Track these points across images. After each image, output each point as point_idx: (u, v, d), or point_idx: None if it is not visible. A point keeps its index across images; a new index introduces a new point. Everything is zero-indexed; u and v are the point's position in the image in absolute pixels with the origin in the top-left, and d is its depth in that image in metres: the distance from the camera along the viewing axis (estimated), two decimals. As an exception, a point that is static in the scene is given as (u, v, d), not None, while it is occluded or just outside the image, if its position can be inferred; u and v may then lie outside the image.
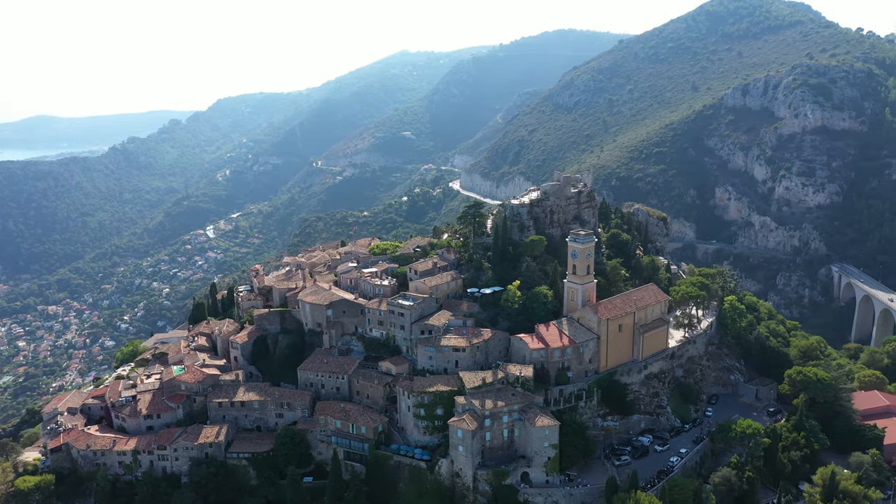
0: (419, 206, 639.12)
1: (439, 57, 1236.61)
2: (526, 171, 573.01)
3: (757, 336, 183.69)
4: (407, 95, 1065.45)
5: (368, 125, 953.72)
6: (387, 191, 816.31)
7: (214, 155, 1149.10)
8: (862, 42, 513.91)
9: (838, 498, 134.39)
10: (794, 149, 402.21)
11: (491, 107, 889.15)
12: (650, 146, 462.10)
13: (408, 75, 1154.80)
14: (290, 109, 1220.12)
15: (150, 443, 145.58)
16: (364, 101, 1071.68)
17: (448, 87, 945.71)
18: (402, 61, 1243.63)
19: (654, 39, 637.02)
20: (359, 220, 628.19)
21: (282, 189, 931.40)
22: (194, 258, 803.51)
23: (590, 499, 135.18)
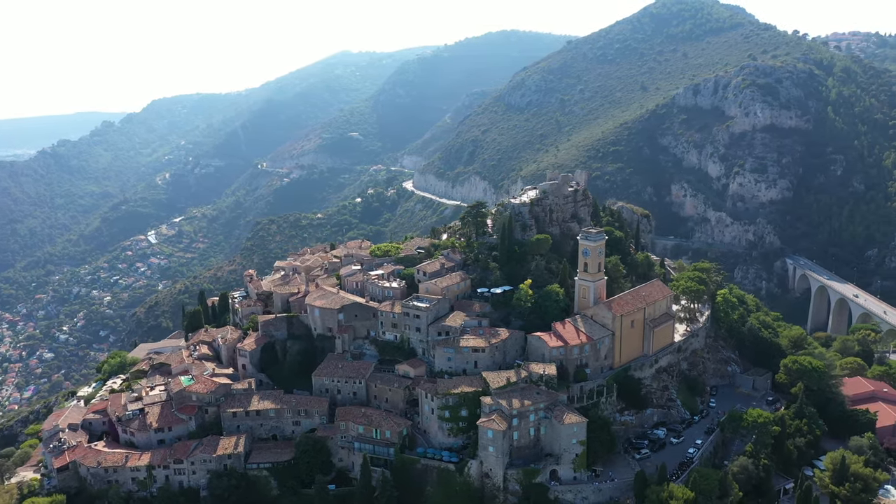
0: (374, 207, 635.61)
1: (382, 57, 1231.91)
2: (482, 171, 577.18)
3: (750, 328, 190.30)
4: (351, 96, 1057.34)
5: (314, 126, 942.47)
6: (336, 192, 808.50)
7: (151, 158, 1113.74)
8: (800, 44, 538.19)
9: (850, 481, 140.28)
10: (746, 146, 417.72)
11: (438, 107, 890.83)
12: (606, 145, 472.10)
13: (351, 76, 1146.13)
14: (230, 110, 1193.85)
15: (166, 457, 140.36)
16: (308, 102, 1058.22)
17: (394, 87, 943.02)
18: (345, 62, 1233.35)
19: (601, 40, 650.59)
20: (313, 222, 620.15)
21: (226, 192, 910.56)
22: (136, 265, 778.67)
23: (617, 493, 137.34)
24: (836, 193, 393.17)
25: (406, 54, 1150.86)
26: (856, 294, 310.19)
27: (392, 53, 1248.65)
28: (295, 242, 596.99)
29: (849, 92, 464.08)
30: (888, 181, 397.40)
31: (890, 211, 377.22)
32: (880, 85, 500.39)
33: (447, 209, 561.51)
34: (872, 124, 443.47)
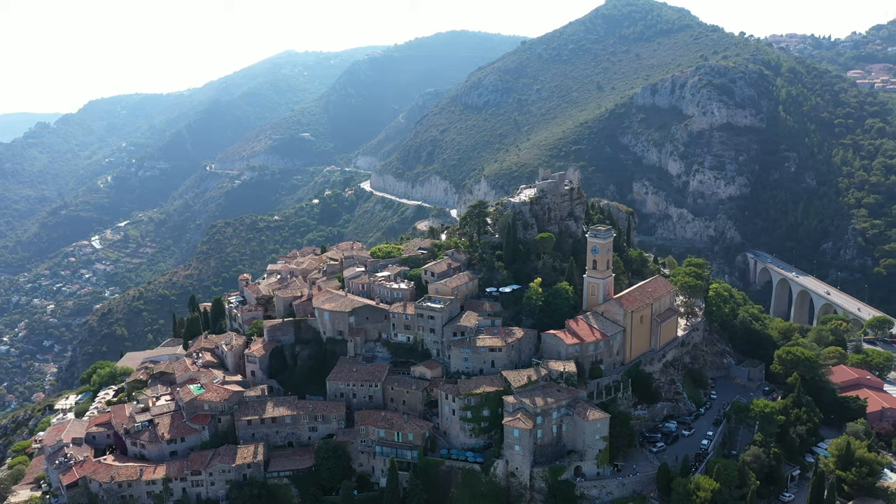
0: (332, 208, 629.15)
1: (329, 57, 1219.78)
2: (442, 171, 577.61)
3: (742, 320, 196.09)
4: (300, 96, 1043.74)
5: (264, 126, 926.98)
6: (289, 194, 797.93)
7: (90, 160, 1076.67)
8: (747, 45, 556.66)
9: (856, 465, 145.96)
10: (704, 144, 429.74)
11: (390, 107, 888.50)
12: (568, 144, 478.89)
13: (298, 75, 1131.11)
14: (173, 111, 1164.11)
15: (182, 468, 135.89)
16: (255, 102, 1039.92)
17: (345, 87, 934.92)
18: (291, 61, 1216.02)
19: (555, 41, 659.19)
20: (270, 224, 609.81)
21: (173, 195, 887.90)
22: (80, 271, 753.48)
23: (640, 486, 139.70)
24: (791, 189, 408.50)
25: (355, 54, 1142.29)
26: (828, 292, 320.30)
27: (340, 53, 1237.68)
28: (253, 245, 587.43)
29: (796, 91, 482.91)
30: (838, 177, 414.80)
31: (841, 205, 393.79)
32: (823, 85, 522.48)
33: (408, 209, 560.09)
34: (820, 123, 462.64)
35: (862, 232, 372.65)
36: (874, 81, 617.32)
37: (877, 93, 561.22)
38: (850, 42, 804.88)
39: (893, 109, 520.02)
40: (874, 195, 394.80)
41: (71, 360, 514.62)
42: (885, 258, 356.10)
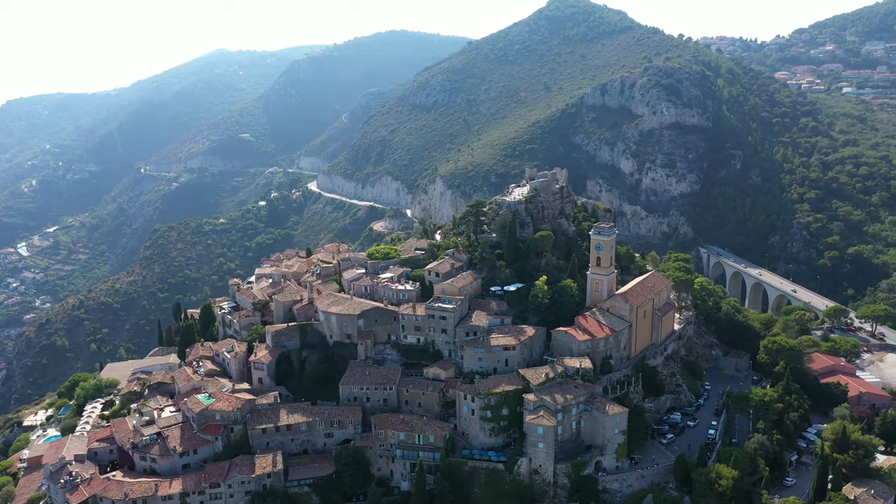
0: (280, 210, 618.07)
1: (265, 56, 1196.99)
2: (393, 171, 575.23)
3: (726, 313, 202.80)
4: (236, 96, 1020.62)
5: (201, 127, 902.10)
6: (230, 196, 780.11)
7: (11, 163, 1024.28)
8: (687, 47, 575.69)
9: (852, 448, 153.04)
10: (655, 143, 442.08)
11: (332, 107, 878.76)
12: (521, 143, 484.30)
13: (233, 75, 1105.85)
14: (100, 111, 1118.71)
15: (199, 482, 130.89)
16: (189, 102, 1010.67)
17: (284, 87, 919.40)
18: (225, 60, 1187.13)
19: (501, 42, 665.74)
20: (216, 227, 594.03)
21: (105, 198, 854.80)
22: (6, 280, 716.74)
23: (657, 478, 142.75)
24: (738, 186, 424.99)
25: (292, 53, 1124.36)
26: (794, 289, 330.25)
27: (276, 52, 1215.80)
28: (199, 249, 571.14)
29: (736, 92, 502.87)
30: (780, 173, 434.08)
31: (786, 201, 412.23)
32: (759, 86, 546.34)
33: (360, 210, 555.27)
34: (760, 122, 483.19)
35: (806, 226, 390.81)
36: (801, 82, 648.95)
37: (805, 93, 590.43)
38: (775, 45, 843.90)
39: (822, 109, 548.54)
40: (814, 190, 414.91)
41: (7, 374, 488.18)
42: (828, 250, 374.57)
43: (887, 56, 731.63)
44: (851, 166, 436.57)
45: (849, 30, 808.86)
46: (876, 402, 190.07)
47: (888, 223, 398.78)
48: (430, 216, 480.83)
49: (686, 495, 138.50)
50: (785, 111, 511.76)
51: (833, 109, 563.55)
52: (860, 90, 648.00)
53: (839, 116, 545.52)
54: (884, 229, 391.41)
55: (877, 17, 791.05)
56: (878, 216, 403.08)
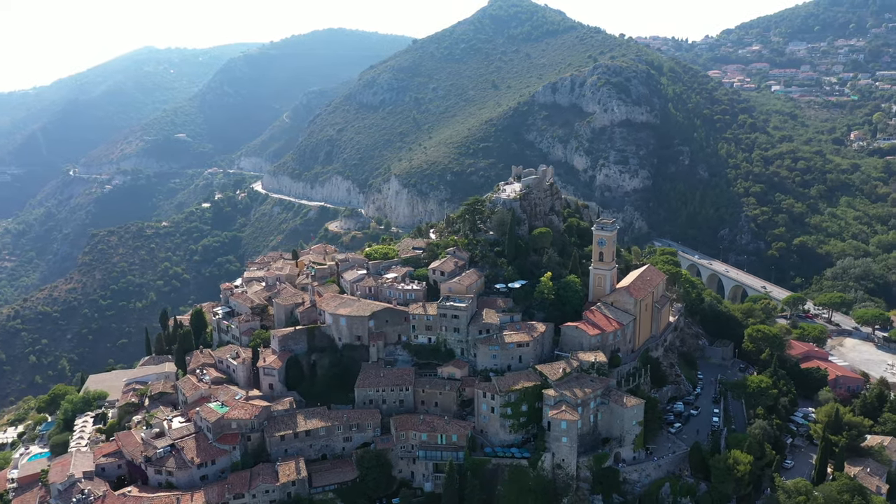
0: (225, 212, 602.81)
1: (197, 54, 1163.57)
2: (343, 171, 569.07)
3: (709, 304, 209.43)
4: (168, 95, 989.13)
5: (133, 127, 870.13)
6: (168, 198, 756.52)
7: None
8: (630, 46, 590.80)
9: (845, 429, 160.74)
10: (607, 140, 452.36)
11: (271, 106, 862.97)
12: (475, 141, 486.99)
13: (164, 73, 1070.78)
14: (19, 111, 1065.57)
15: (223, 493, 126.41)
16: (118, 102, 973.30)
17: (221, 85, 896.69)
18: (153, 58, 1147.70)
19: (446, 40, 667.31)
20: (159, 231, 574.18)
21: (31, 202, 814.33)
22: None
23: (672, 466, 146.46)
24: (687, 181, 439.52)
25: (225, 51, 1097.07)
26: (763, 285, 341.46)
27: (208, 50, 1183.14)
28: (142, 254, 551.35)
29: (679, 90, 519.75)
30: (726, 168, 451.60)
31: (733, 194, 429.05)
32: (699, 84, 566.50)
33: (311, 211, 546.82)
34: (703, 119, 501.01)
35: (753, 218, 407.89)
36: (732, 81, 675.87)
37: (739, 91, 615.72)
38: (706, 45, 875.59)
39: (755, 106, 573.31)
40: (758, 184, 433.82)
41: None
42: (775, 241, 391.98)
43: (809, 56, 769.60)
44: (790, 161, 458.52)
45: (773, 31, 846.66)
46: (850, 385, 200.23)
47: (827, 215, 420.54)
48: (386, 215, 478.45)
49: (701, 482, 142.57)
50: (724, 108, 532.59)
51: (765, 107, 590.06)
52: (788, 88, 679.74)
53: (772, 114, 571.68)
54: (824, 220, 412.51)
55: (798, 18, 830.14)
56: (817, 208, 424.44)
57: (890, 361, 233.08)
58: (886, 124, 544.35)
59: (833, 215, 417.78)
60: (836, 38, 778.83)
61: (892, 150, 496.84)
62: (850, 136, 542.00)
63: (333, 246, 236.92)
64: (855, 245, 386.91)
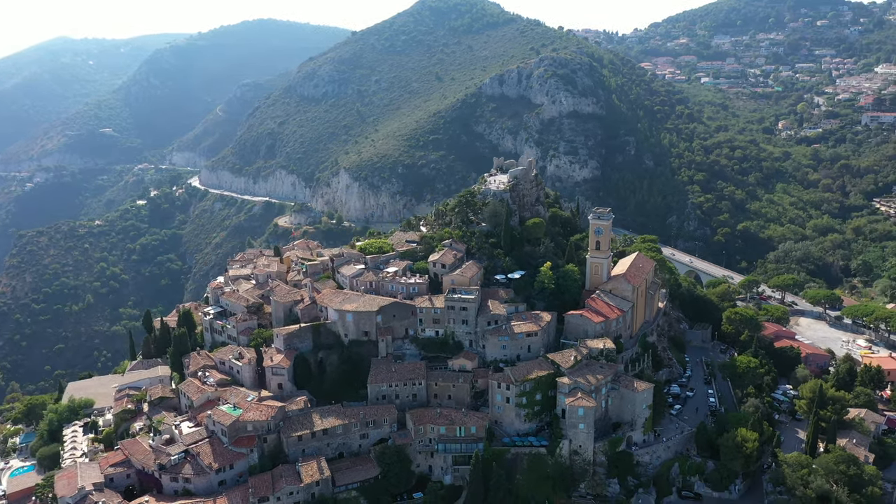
0: (163, 209, 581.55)
1: (117, 45, 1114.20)
2: (287, 165, 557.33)
3: (687, 288, 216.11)
4: (90, 88, 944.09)
5: (53, 122, 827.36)
6: (96, 196, 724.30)
7: None
8: (570, 39, 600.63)
9: (830, 404, 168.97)
10: (556, 131, 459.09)
11: (202, 99, 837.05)
12: (424, 134, 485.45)
13: (83, 65, 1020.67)
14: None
15: (246, 497, 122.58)
16: (34, 95, 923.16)
17: (147, 77, 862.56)
18: (70, 49, 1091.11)
19: (387, 32, 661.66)
20: (93, 230, 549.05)
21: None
22: None
23: (679, 447, 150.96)
24: (634, 170, 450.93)
25: (149, 42, 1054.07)
26: (690, 259, 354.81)
27: (130, 41, 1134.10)
28: (76, 255, 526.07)
29: (620, 82, 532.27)
30: (670, 158, 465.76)
31: (678, 183, 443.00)
32: (637, 76, 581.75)
33: (255, 206, 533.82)
34: (645, 110, 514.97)
35: (699, 205, 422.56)
36: (664, 73, 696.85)
37: (672, 83, 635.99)
38: (635, 37, 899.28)
39: (689, 98, 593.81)
40: (701, 173, 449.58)
41: None
42: (720, 227, 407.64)
43: (734, 49, 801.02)
44: (728, 150, 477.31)
45: (698, 24, 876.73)
46: (819, 362, 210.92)
47: (765, 201, 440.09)
48: (337, 209, 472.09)
49: (708, 460, 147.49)
50: (663, 99, 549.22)
51: (698, 97, 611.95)
52: (716, 80, 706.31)
53: (705, 104, 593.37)
54: (763, 206, 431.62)
55: (721, 13, 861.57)
56: (756, 195, 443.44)
57: (845, 338, 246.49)
58: (811, 114, 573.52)
59: (771, 201, 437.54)
60: (757, 31, 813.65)
61: (818, 139, 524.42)
62: (778, 126, 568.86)
63: (316, 242, 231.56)
64: (794, 229, 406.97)
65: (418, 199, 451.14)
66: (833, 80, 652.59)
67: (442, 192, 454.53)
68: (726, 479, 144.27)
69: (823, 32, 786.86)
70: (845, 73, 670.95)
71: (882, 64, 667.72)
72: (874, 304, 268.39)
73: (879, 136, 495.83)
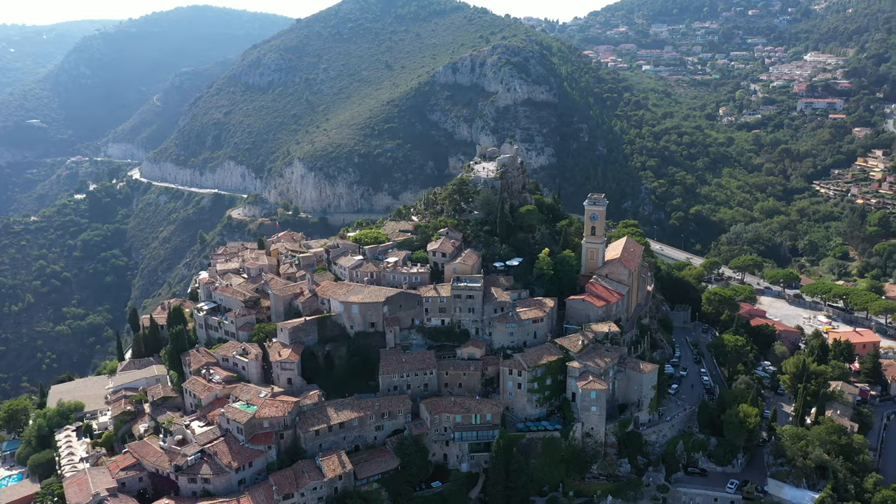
0: (104, 203, 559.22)
1: (40, 31, 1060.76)
2: (236, 155, 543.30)
3: (666, 271, 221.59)
4: (12, 77, 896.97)
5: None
6: (26, 191, 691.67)
7: None
8: (518, 27, 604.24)
9: (813, 377, 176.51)
10: (512, 118, 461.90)
11: (138, 88, 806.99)
12: (379, 123, 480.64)
13: (3, 52, 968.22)
14: None
15: (270, 495, 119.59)
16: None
17: (76, 66, 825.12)
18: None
19: (333, 19, 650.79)
20: (28, 226, 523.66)
21: None
22: None
23: (682, 425, 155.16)
24: (588, 157, 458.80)
25: (74, 28, 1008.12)
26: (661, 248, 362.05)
27: (53, 27, 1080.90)
28: (11, 252, 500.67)
29: (570, 69, 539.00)
30: (622, 144, 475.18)
31: (631, 168, 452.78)
32: (584, 64, 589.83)
33: (204, 198, 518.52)
34: (595, 97, 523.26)
35: (653, 190, 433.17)
36: (606, 61, 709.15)
37: (615, 71, 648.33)
38: (576, 26, 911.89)
39: (633, 85, 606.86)
40: (653, 158, 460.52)
41: None
42: (674, 211, 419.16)
43: (671, 37, 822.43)
44: (676, 136, 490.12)
45: (636, 13, 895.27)
46: (790, 338, 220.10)
47: (714, 185, 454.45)
48: (291, 200, 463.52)
49: (710, 437, 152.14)
50: (611, 87, 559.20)
51: (641, 85, 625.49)
52: (656, 68, 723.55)
53: (649, 91, 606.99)
54: (712, 190, 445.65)
55: (657, 2, 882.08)
56: (705, 179, 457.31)
57: (805, 315, 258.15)
58: (749, 101, 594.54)
59: (719, 185, 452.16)
60: (692, 20, 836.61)
61: (758, 125, 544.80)
62: (719, 112, 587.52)
63: (301, 234, 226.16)
64: (742, 212, 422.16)
65: (376, 188, 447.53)
66: (766, 67, 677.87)
67: (400, 182, 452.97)
68: (729, 454, 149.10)
69: (755, 21, 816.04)
70: (777, 61, 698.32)
71: (811, 52, 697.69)
72: (832, 282, 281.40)
73: (814, 121, 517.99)
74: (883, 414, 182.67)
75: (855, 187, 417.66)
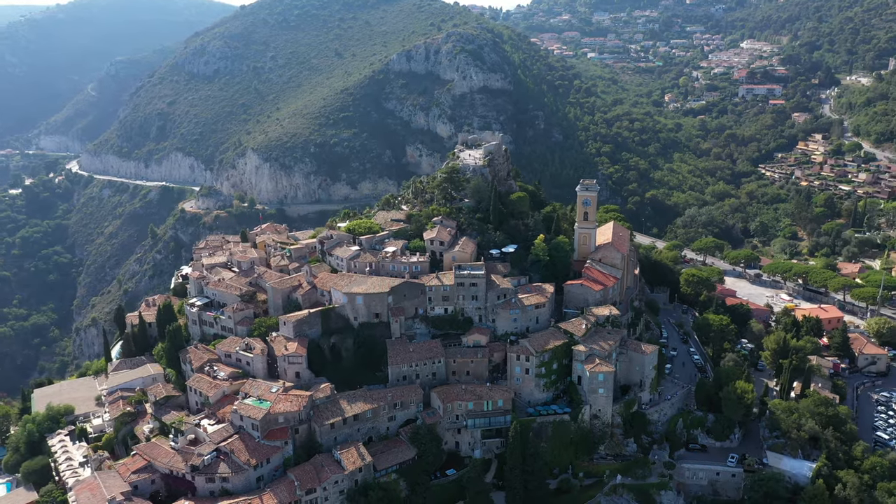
0: (42, 198, 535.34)
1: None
2: (183, 147, 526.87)
3: (645, 254, 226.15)
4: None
5: None
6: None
7: None
8: (469, 14, 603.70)
9: (794, 353, 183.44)
10: (468, 106, 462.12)
11: (69, 77, 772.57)
12: (334, 112, 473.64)
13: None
14: None
15: (292, 490, 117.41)
16: None
17: (1, 54, 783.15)
18: None
19: (279, 6, 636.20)
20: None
21: None
22: None
23: (680, 403, 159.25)
24: (545, 144, 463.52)
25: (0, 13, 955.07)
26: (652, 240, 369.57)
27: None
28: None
29: (523, 57, 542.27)
30: (577, 131, 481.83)
31: (587, 154, 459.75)
32: (535, 52, 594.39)
33: (151, 192, 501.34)
34: (549, 85, 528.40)
35: (609, 176, 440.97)
36: (552, 49, 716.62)
37: (563, 58, 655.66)
38: (520, 14, 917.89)
39: (582, 73, 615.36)
40: (608, 144, 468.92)
41: None
42: (630, 196, 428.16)
43: (614, 25, 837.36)
44: (627, 122, 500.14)
45: (578, 1, 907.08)
46: (761, 316, 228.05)
47: (666, 170, 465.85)
48: (246, 192, 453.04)
49: (708, 413, 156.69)
50: (561, 74, 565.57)
51: (589, 73, 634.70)
52: (601, 55, 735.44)
53: (597, 79, 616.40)
54: (665, 175, 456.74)
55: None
56: (657, 164, 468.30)
57: (768, 293, 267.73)
58: (693, 87, 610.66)
59: (671, 170, 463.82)
60: (633, 8, 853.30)
61: (703, 111, 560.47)
62: (665, 99, 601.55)
63: (284, 225, 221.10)
64: (695, 196, 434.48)
65: (334, 178, 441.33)
66: (706, 55, 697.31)
67: (357, 171, 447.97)
68: (727, 430, 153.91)
69: (693, 10, 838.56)
70: (715, 49, 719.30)
71: (747, 40, 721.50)
72: (790, 262, 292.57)
73: (756, 106, 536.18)
74: (853, 385, 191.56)
75: (798, 170, 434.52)
